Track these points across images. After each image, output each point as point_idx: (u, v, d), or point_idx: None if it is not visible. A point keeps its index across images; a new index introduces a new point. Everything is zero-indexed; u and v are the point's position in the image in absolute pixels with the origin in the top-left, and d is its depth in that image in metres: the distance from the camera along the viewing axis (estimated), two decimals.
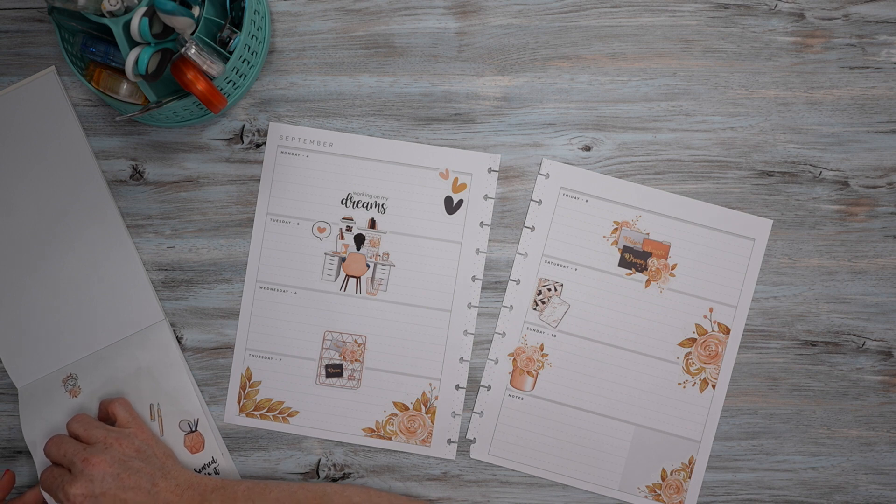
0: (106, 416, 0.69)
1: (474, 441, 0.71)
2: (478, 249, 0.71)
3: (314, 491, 0.65)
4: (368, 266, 0.72)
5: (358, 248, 0.72)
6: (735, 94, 0.71)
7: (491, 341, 0.71)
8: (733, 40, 0.71)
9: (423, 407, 0.71)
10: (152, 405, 0.71)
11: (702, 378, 0.71)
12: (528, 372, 0.71)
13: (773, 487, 0.71)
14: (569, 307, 0.71)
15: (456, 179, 0.71)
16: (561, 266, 0.71)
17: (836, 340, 0.71)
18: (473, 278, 0.71)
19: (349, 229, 0.71)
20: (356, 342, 0.72)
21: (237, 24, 0.66)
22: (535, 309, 0.71)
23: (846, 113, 0.71)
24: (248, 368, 0.72)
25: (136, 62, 0.60)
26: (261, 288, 0.72)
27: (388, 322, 0.71)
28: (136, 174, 0.72)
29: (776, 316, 0.71)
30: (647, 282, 0.71)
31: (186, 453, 0.71)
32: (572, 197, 0.71)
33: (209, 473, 0.71)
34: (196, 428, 0.71)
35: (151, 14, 0.60)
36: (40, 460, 0.69)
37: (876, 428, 0.72)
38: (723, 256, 0.71)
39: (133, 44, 0.61)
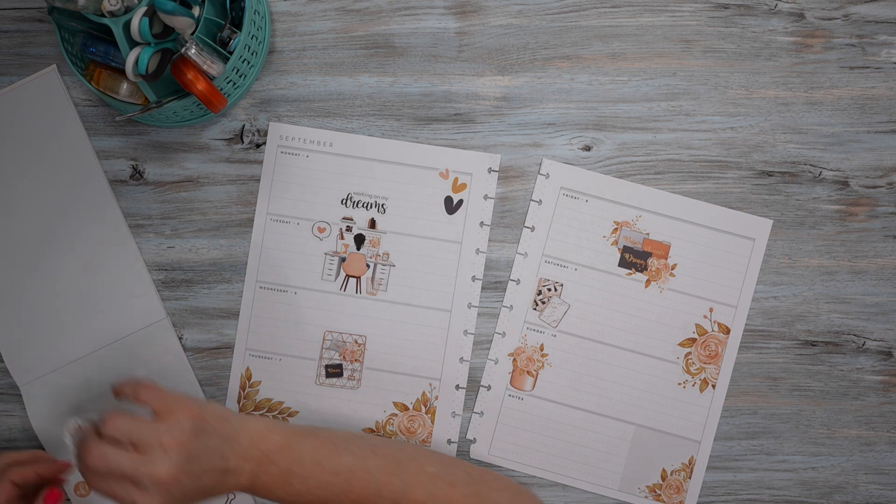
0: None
1: (474, 441, 0.71)
2: (478, 249, 0.71)
3: (387, 458, 0.60)
4: (368, 266, 0.72)
5: (358, 248, 0.72)
6: (735, 94, 0.71)
7: (491, 341, 0.71)
8: (733, 40, 0.71)
9: (423, 407, 0.71)
10: None
11: (702, 378, 0.71)
12: (528, 372, 0.71)
13: (773, 487, 0.71)
14: (569, 307, 0.71)
15: (456, 179, 0.71)
16: (561, 266, 0.71)
17: (836, 340, 0.71)
18: (473, 278, 0.71)
19: (349, 229, 0.71)
20: (356, 342, 0.72)
21: (237, 24, 0.66)
22: (535, 309, 0.71)
23: (846, 113, 0.71)
24: (247, 368, 0.72)
25: (136, 62, 0.60)
26: (261, 288, 0.72)
27: (388, 322, 0.71)
28: (136, 174, 0.72)
29: (776, 316, 0.71)
30: (647, 282, 0.71)
31: None
32: (572, 197, 0.71)
33: None
34: None
35: (151, 14, 0.60)
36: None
37: (876, 428, 0.72)
38: (723, 256, 0.71)
39: (133, 44, 0.61)
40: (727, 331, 0.71)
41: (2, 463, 0.62)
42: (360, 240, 0.72)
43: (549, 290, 0.71)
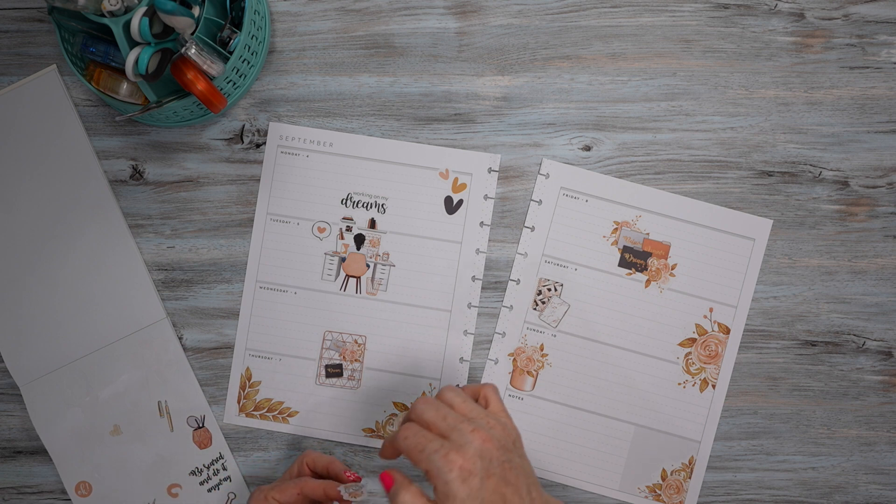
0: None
1: None
2: (478, 249, 0.71)
3: None
4: (368, 266, 0.72)
5: (358, 248, 0.72)
6: (735, 94, 0.71)
7: (491, 341, 0.71)
8: (733, 40, 0.71)
9: None
10: (160, 402, 0.71)
11: (702, 378, 0.71)
12: (528, 372, 0.71)
13: (773, 487, 0.71)
14: (569, 307, 0.71)
15: (456, 179, 0.71)
16: (561, 266, 0.71)
17: (836, 340, 0.71)
18: (473, 278, 0.71)
19: (349, 229, 0.71)
20: (356, 342, 0.72)
21: (237, 24, 0.66)
22: (535, 309, 0.71)
23: (846, 113, 0.71)
24: (247, 368, 0.72)
25: (136, 62, 0.60)
26: (261, 288, 0.72)
27: (388, 322, 0.71)
28: (136, 174, 0.72)
29: (776, 316, 0.71)
30: (647, 282, 0.71)
31: (195, 449, 0.71)
32: (572, 197, 0.71)
33: (217, 470, 0.71)
34: (203, 424, 0.71)
35: (151, 14, 0.60)
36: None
37: (876, 428, 0.72)
38: (723, 256, 0.71)
39: (133, 44, 0.61)
40: (727, 331, 0.71)
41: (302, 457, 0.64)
42: (360, 240, 0.72)
43: (549, 290, 0.71)
